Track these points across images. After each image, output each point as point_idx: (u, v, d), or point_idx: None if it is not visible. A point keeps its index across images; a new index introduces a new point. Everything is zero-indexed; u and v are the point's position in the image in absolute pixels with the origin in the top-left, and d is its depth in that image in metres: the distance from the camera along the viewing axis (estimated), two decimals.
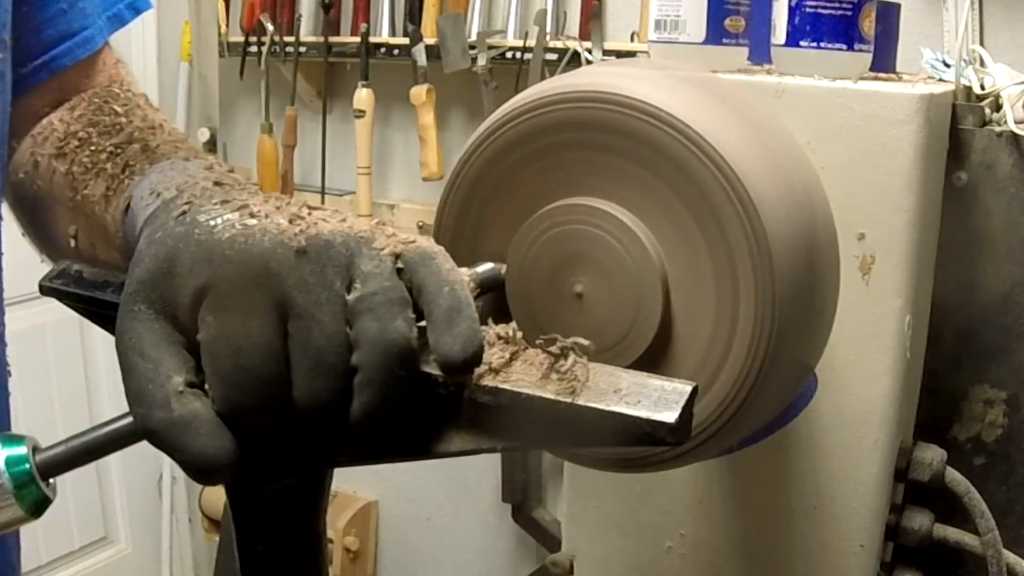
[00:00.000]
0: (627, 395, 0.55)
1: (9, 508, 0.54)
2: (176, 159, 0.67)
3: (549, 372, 0.56)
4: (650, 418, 0.54)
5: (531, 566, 2.17)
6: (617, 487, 1.10)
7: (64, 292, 0.74)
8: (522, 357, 0.58)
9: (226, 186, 0.56)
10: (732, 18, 0.97)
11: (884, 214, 0.89)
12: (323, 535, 0.69)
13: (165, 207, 0.55)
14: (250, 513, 0.66)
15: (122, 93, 0.79)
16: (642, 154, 0.72)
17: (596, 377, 0.57)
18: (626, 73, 0.77)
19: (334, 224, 0.52)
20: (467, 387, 0.56)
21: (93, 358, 2.32)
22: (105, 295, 0.71)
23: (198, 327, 0.49)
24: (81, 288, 0.73)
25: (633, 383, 0.56)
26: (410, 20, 2.00)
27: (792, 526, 0.99)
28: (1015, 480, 1.04)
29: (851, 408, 0.94)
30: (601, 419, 0.54)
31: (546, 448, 0.61)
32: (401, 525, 2.39)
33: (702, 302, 0.72)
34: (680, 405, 0.54)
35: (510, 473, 2.08)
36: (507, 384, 0.56)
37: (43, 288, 0.75)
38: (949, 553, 1.01)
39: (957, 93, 1.03)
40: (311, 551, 0.69)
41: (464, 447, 0.59)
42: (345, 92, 2.12)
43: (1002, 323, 1.02)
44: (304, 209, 0.53)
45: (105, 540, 2.41)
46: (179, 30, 2.27)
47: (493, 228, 0.80)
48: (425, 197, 2.11)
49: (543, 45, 1.81)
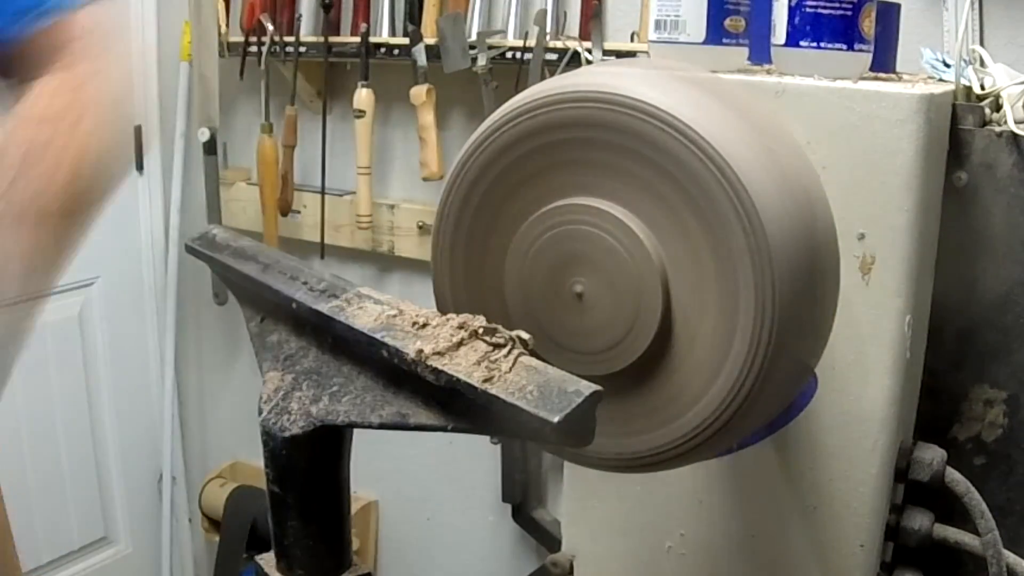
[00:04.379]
0: (533, 390, 0.59)
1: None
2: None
3: (483, 360, 0.61)
4: (536, 414, 0.57)
5: (531, 566, 2.17)
6: (617, 487, 1.10)
7: (199, 253, 0.86)
8: (470, 344, 0.63)
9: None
10: (732, 18, 0.97)
11: (884, 214, 0.89)
12: (347, 483, 0.76)
13: None
14: (280, 461, 0.72)
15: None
16: (642, 154, 0.72)
17: (519, 370, 0.61)
18: (626, 73, 0.77)
19: None
20: (418, 365, 0.62)
21: (93, 358, 2.32)
22: (240, 265, 0.81)
23: None
24: (214, 252, 0.85)
25: (548, 380, 0.60)
26: (410, 20, 1.99)
27: (792, 526, 0.99)
28: (1015, 480, 1.04)
29: (851, 408, 0.94)
30: (505, 409, 0.58)
31: (480, 431, 0.65)
32: (401, 525, 2.39)
33: (702, 302, 0.72)
34: (569, 407, 0.57)
35: (510, 473, 2.08)
36: (446, 366, 0.61)
37: (187, 247, 0.88)
38: (949, 553, 1.01)
39: (957, 93, 1.03)
40: (335, 498, 0.75)
41: (426, 422, 0.66)
42: (345, 92, 2.12)
43: (1002, 323, 1.02)
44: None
45: (105, 540, 2.41)
46: (179, 30, 2.27)
47: (493, 228, 0.80)
48: (425, 197, 2.11)
49: (543, 45, 1.81)
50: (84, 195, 0.87)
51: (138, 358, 2.44)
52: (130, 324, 2.41)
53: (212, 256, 0.86)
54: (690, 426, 0.74)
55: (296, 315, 0.76)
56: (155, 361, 2.46)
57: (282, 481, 0.75)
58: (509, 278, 0.80)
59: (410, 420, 0.67)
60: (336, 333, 0.72)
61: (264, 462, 0.75)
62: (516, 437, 0.80)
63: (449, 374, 0.61)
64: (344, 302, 0.73)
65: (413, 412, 0.67)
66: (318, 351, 0.76)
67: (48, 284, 0.85)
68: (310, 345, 0.77)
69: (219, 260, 0.85)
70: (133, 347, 2.42)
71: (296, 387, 0.75)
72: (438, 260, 0.83)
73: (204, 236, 0.88)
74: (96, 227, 1.08)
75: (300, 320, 0.77)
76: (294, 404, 0.74)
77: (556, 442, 0.57)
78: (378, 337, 0.67)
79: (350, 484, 0.78)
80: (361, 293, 0.75)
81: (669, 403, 0.75)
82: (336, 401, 0.72)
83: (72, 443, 2.28)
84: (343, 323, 0.71)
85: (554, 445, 0.77)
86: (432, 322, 0.67)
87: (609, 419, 0.67)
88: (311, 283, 0.77)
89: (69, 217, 0.86)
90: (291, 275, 0.79)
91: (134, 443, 2.41)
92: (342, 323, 0.71)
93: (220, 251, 0.85)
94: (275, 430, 0.73)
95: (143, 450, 2.43)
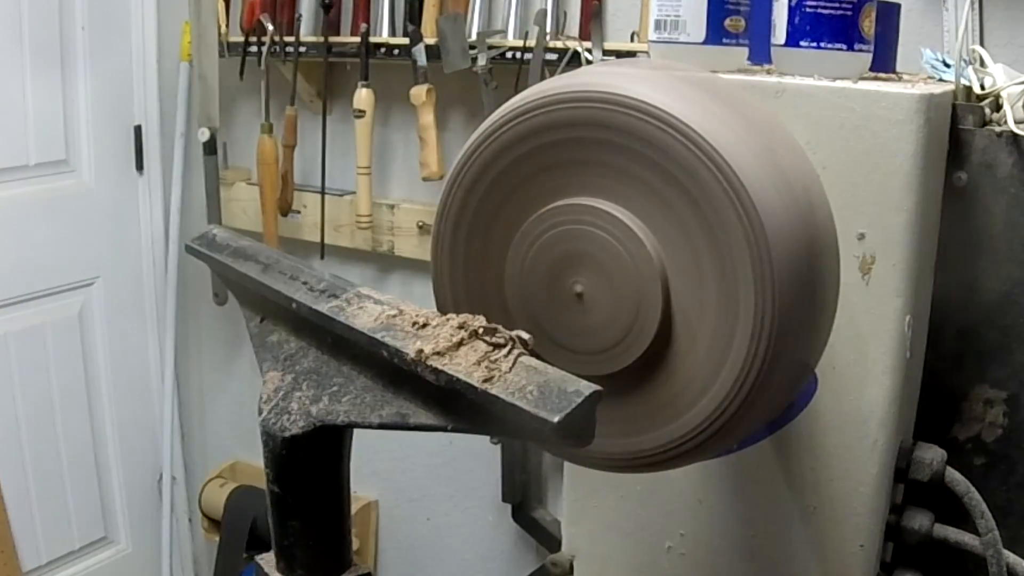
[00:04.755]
0: (533, 390, 0.59)
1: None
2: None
3: (483, 360, 0.61)
4: (536, 414, 0.56)
5: (531, 566, 2.17)
6: (617, 487, 1.10)
7: (199, 254, 0.86)
8: (469, 344, 0.63)
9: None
10: (732, 18, 0.97)
11: (884, 214, 0.89)
12: (347, 483, 0.76)
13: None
14: (280, 461, 0.73)
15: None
16: (642, 154, 0.72)
17: (519, 370, 0.60)
18: (626, 73, 0.77)
19: None
20: (418, 365, 0.62)
21: (93, 358, 2.32)
22: (240, 265, 0.81)
23: None
24: (214, 252, 0.85)
25: (548, 380, 0.59)
26: (410, 20, 1.99)
27: (792, 526, 0.99)
28: (1015, 480, 1.04)
29: (851, 408, 0.94)
30: (505, 409, 0.58)
31: (480, 431, 0.65)
32: (401, 525, 2.39)
33: (702, 302, 0.72)
34: (569, 407, 0.57)
35: (510, 473, 2.08)
36: (446, 366, 0.61)
37: (187, 247, 0.89)
38: (949, 553, 1.01)
39: (957, 93, 1.03)
40: (335, 498, 0.76)
41: (426, 422, 0.65)
42: (345, 92, 2.12)
43: (1002, 323, 1.02)
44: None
45: (105, 540, 2.41)
46: (179, 30, 2.27)
47: (493, 228, 0.80)
48: (425, 197, 2.11)
49: (543, 45, 1.81)
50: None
51: (138, 358, 2.43)
52: (130, 324, 2.41)
53: (212, 256, 0.86)
54: (690, 426, 0.74)
55: (296, 315, 0.76)
56: (155, 361, 2.46)
57: (282, 481, 0.75)
58: (509, 278, 0.79)
59: (410, 420, 0.67)
60: (336, 333, 0.72)
61: (264, 462, 0.75)
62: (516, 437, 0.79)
63: (449, 374, 0.61)
64: (344, 302, 0.73)
65: (413, 412, 0.67)
66: (318, 351, 0.76)
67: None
68: (310, 345, 0.77)
69: (219, 260, 0.85)
70: (133, 347, 2.42)
71: (296, 387, 0.75)
72: (438, 260, 0.83)
73: (204, 236, 0.88)
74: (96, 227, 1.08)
75: (300, 320, 0.77)
76: (294, 404, 0.74)
77: (556, 442, 0.57)
78: (378, 337, 0.67)
79: (350, 484, 0.78)
80: (361, 293, 0.75)
81: (669, 403, 0.75)
82: (336, 401, 0.72)
83: (72, 443, 2.28)
84: (343, 323, 0.71)
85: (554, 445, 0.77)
86: (432, 322, 0.67)
87: (609, 419, 0.67)
88: (311, 283, 0.77)
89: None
90: (291, 275, 0.79)
91: (134, 443, 2.40)
92: (342, 323, 0.71)
93: (220, 251, 0.85)
94: (275, 430, 0.73)
95: (143, 450, 2.43)
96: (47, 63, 2.13)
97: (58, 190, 2.19)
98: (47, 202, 2.17)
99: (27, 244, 2.13)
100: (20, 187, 2.11)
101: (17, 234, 2.11)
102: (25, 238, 2.13)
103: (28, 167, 2.13)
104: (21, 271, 2.13)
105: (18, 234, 2.11)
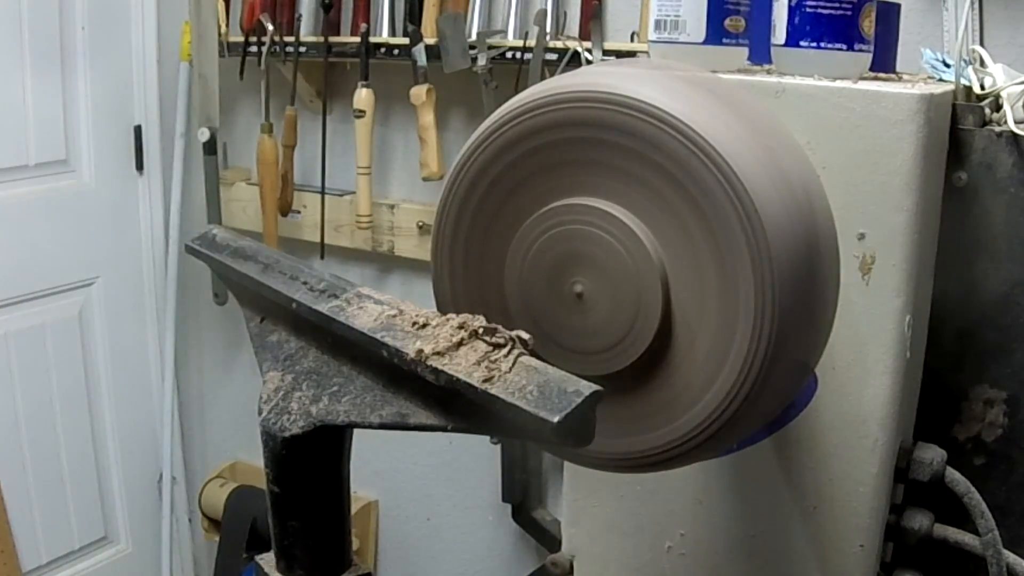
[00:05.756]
0: (533, 390, 0.59)
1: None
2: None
3: (483, 360, 0.61)
4: (536, 414, 0.56)
5: (531, 566, 2.17)
6: (617, 487, 1.10)
7: (199, 253, 0.86)
8: (469, 344, 0.63)
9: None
10: (732, 18, 0.97)
11: (884, 214, 0.89)
12: (347, 483, 0.77)
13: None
14: (279, 461, 0.73)
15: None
16: (642, 154, 0.72)
17: (519, 370, 0.60)
18: (626, 73, 0.77)
19: None
20: (418, 365, 0.62)
21: (93, 358, 2.32)
22: (240, 265, 0.81)
23: None
24: (214, 252, 0.85)
25: (548, 380, 0.59)
26: (410, 20, 1.99)
27: (792, 526, 0.99)
28: (1015, 480, 1.04)
29: (851, 408, 0.94)
30: (505, 409, 0.58)
31: (480, 431, 0.65)
32: (401, 525, 2.39)
33: (702, 302, 0.72)
34: (569, 407, 0.57)
35: (510, 473, 2.08)
36: (446, 366, 0.61)
37: (187, 247, 0.89)
38: (949, 553, 1.01)
39: (957, 93, 1.03)
40: (335, 498, 0.76)
41: (426, 422, 0.65)
42: (345, 92, 2.12)
43: (1002, 323, 1.02)
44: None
45: (105, 540, 2.41)
46: (179, 30, 2.27)
47: (493, 228, 0.80)
48: (425, 197, 2.11)
49: (543, 45, 1.81)
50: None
51: (138, 358, 2.43)
52: (130, 324, 2.41)
53: (212, 256, 0.86)
54: (690, 426, 0.74)
55: (296, 315, 0.76)
56: (155, 361, 2.46)
57: (282, 481, 0.75)
58: (509, 278, 0.79)
59: (410, 420, 0.67)
60: (336, 333, 0.72)
61: (264, 462, 0.75)
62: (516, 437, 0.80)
63: (449, 374, 0.61)
64: (344, 302, 0.73)
65: (413, 412, 0.67)
66: (318, 351, 0.76)
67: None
68: (310, 345, 0.77)
69: (219, 260, 0.85)
70: (133, 347, 2.42)
71: (296, 387, 0.75)
72: (438, 260, 0.83)
73: (204, 236, 0.88)
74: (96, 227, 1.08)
75: (300, 320, 0.77)
76: (294, 404, 0.74)
77: (556, 442, 0.57)
78: (378, 337, 0.67)
79: (350, 484, 0.78)
80: (361, 293, 0.75)
81: (669, 403, 0.75)
82: (336, 401, 0.72)
83: (72, 443, 2.28)
84: (343, 323, 0.71)
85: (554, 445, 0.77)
86: (432, 322, 0.67)
87: (609, 419, 0.67)
88: (311, 283, 0.77)
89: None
90: (291, 275, 0.79)
91: (134, 443, 2.40)
92: (342, 323, 0.71)
93: (220, 251, 0.85)
94: (275, 430, 0.73)
95: (143, 450, 2.43)
96: (47, 63, 2.13)
97: (58, 190, 2.19)
98: (47, 202, 2.17)
99: (27, 244, 2.14)
100: (20, 187, 2.12)
101: (17, 234, 2.11)
102: (25, 238, 2.13)
103: (28, 167, 2.13)
104: (21, 271, 2.13)
105: (18, 234, 2.12)
